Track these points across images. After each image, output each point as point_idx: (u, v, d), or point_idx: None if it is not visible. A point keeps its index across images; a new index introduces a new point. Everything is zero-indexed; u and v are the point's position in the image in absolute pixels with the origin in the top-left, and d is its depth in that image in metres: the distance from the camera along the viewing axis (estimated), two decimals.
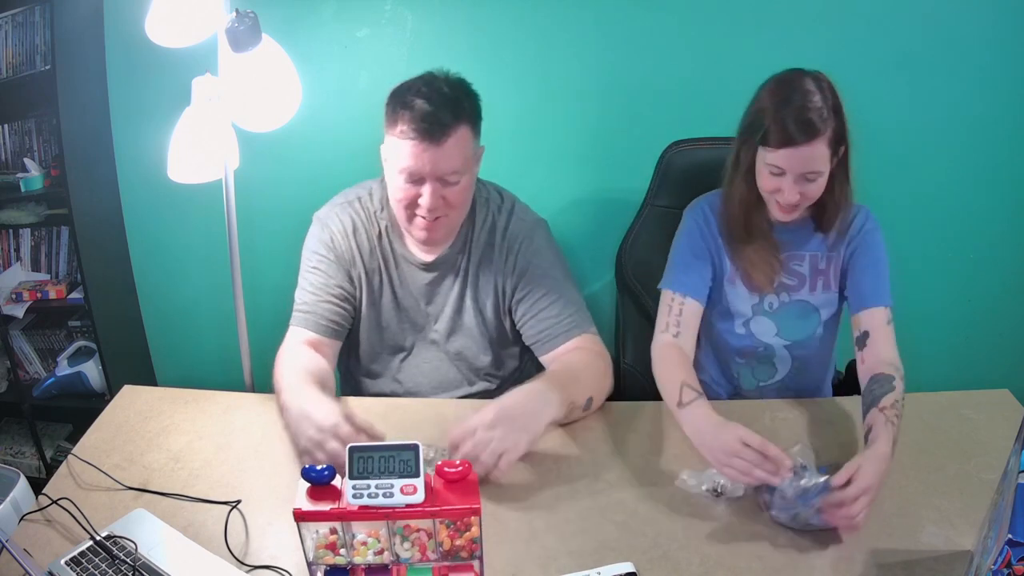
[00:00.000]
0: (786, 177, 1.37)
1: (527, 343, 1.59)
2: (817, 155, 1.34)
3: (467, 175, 1.44)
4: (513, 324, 1.60)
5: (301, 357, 1.49)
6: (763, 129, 1.36)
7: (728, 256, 1.53)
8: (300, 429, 1.30)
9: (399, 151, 1.39)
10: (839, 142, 1.37)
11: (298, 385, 1.39)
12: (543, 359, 1.55)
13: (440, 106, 1.37)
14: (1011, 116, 2.02)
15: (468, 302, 1.59)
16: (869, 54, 1.96)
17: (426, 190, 1.40)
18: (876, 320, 1.45)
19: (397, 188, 1.43)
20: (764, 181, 1.41)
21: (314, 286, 1.56)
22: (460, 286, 1.58)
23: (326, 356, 1.53)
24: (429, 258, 1.57)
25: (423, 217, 1.44)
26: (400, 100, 1.39)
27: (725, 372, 1.63)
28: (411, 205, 1.43)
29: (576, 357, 1.50)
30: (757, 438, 1.21)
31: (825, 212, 1.46)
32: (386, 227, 1.57)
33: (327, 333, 1.55)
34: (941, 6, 1.92)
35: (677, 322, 1.49)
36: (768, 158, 1.38)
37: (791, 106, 1.33)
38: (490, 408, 1.28)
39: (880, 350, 1.42)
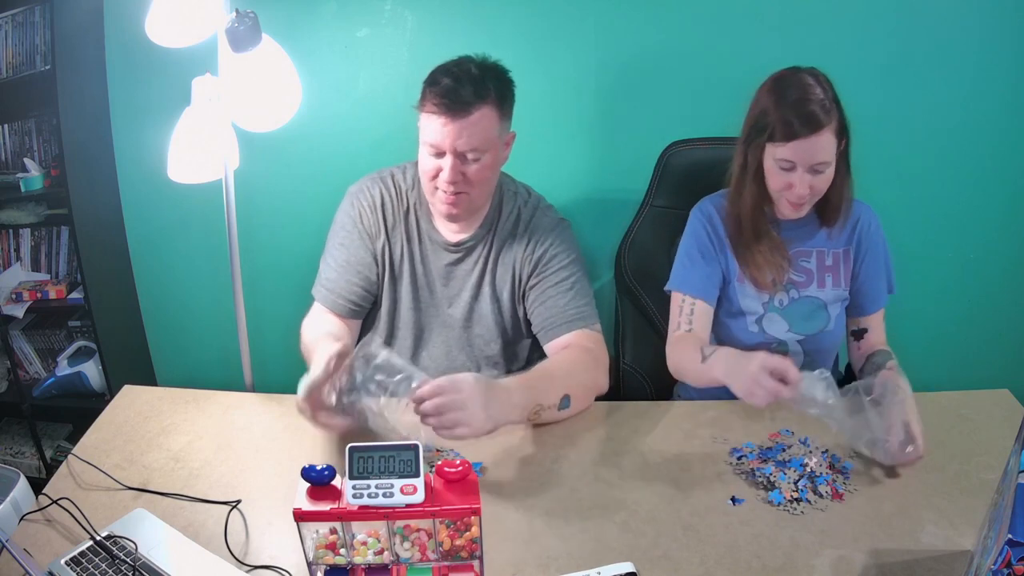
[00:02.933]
0: (796, 171, 1.40)
1: (534, 331, 1.61)
2: (824, 145, 1.37)
3: (489, 155, 1.47)
4: (526, 313, 1.62)
5: (324, 325, 1.56)
6: (769, 127, 1.39)
7: (734, 257, 1.55)
8: None
9: (426, 125, 1.45)
10: (841, 133, 1.40)
11: (316, 347, 1.40)
12: (545, 348, 1.58)
13: (464, 84, 1.42)
14: (1010, 116, 2.02)
15: (486, 288, 1.61)
16: (869, 53, 1.96)
17: (446, 163, 1.45)
18: (875, 319, 1.57)
19: (423, 160, 1.49)
20: (774, 179, 1.44)
21: (337, 262, 1.60)
22: (479, 272, 1.60)
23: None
24: (455, 238, 1.59)
25: (444, 191, 1.48)
26: (431, 78, 1.46)
27: None
28: (434, 177, 1.48)
29: (564, 356, 1.51)
30: (778, 361, 1.26)
31: (829, 205, 1.49)
32: (415, 204, 1.61)
33: (346, 312, 1.60)
34: (941, 5, 1.92)
35: (689, 320, 1.53)
36: (778, 154, 1.40)
37: (795, 99, 1.37)
38: (470, 376, 1.26)
39: (875, 339, 1.58)
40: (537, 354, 1.67)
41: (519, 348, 1.68)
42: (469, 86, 1.42)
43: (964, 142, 2.05)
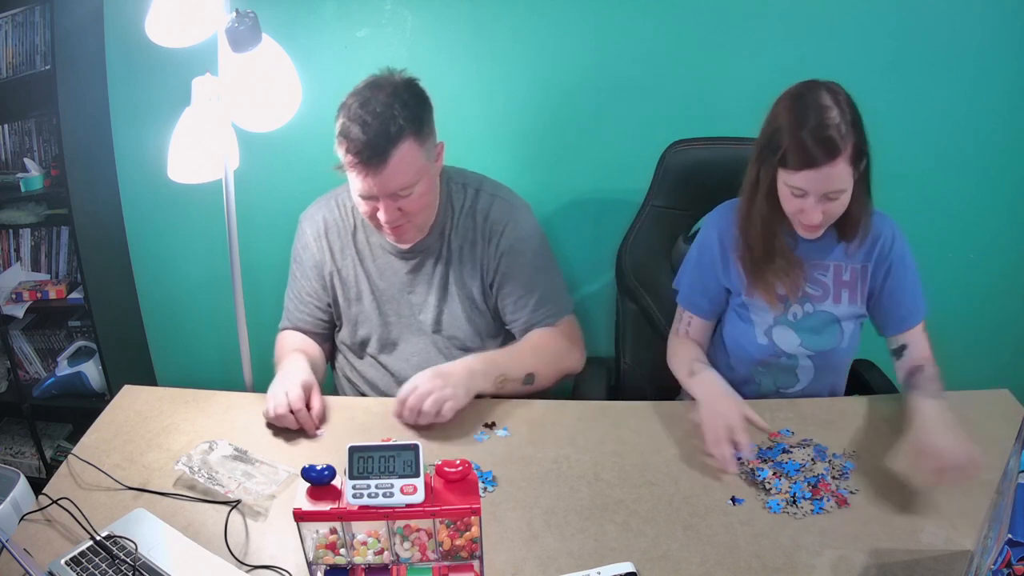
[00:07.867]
0: (808, 198, 1.33)
1: (506, 325, 1.63)
2: (839, 174, 1.29)
3: (421, 183, 1.45)
4: (497, 303, 1.63)
5: (295, 340, 1.65)
6: (781, 150, 1.31)
7: (746, 273, 1.49)
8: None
9: (349, 175, 1.45)
10: (859, 157, 1.31)
11: (284, 359, 1.55)
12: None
13: (375, 131, 1.38)
14: (1011, 116, 2.02)
15: (453, 287, 1.60)
16: (868, 54, 1.96)
17: (381, 206, 1.44)
18: (914, 334, 1.51)
19: (357, 203, 1.49)
20: (786, 203, 1.37)
21: (294, 292, 1.67)
22: (443, 272, 1.59)
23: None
24: (407, 244, 1.58)
25: (386, 226, 1.48)
26: (340, 124, 1.43)
27: (745, 379, 1.56)
28: (373, 217, 1.48)
29: (537, 338, 1.58)
30: (758, 421, 1.33)
31: (847, 222, 1.41)
32: (361, 221, 1.60)
33: (312, 336, 1.67)
34: (940, 5, 1.92)
35: (687, 330, 1.58)
36: (789, 180, 1.33)
37: (809, 125, 1.28)
38: (427, 370, 1.43)
39: (917, 354, 1.50)
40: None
41: (496, 342, 1.66)
42: (380, 133, 1.37)
43: (964, 142, 2.05)
